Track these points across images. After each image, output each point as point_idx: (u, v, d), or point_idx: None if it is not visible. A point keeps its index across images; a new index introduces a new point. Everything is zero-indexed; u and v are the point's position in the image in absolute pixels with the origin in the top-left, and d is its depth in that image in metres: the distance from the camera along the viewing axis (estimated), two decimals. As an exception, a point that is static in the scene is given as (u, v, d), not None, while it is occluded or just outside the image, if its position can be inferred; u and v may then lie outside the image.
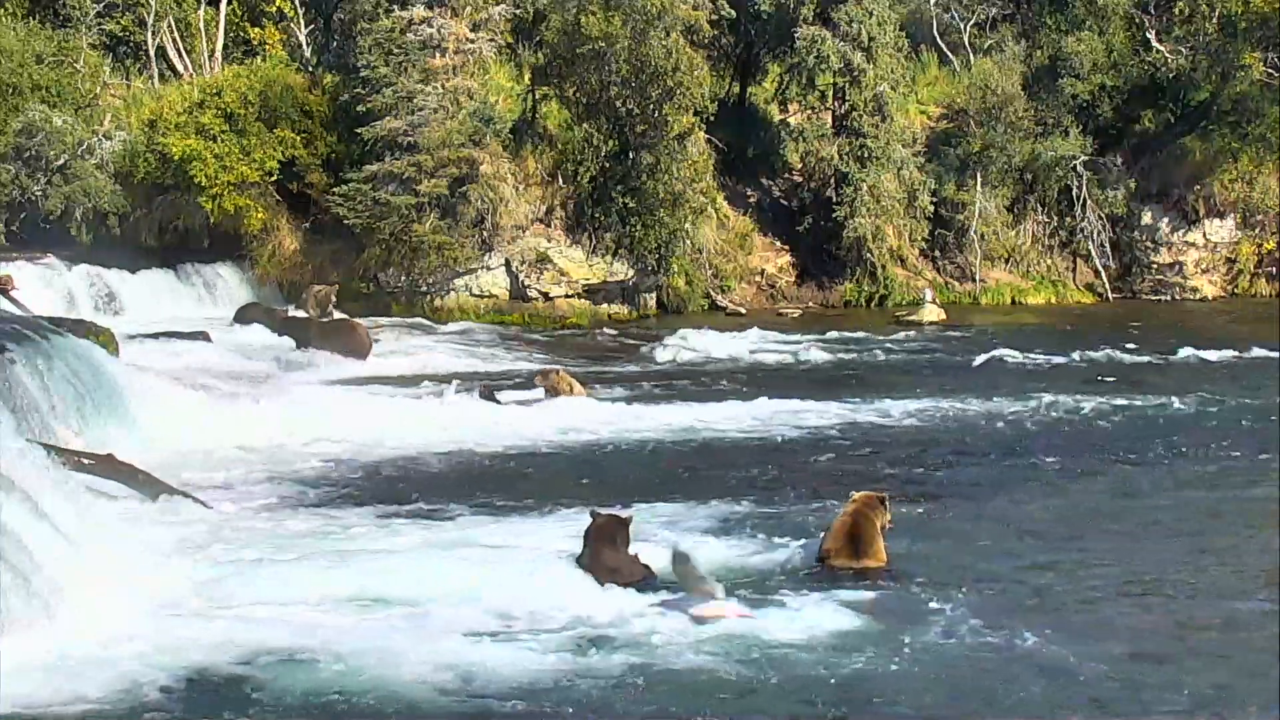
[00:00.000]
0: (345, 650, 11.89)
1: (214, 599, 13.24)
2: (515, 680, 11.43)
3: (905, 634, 12.40)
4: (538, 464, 19.92)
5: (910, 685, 11.41)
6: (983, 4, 44.97)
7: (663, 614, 12.90)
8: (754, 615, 12.83)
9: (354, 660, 11.72)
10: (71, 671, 11.29)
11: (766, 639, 12.30)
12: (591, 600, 13.20)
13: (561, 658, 11.91)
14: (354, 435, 21.06)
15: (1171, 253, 42.03)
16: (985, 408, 23.73)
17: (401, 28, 34.92)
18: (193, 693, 11.19)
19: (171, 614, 12.84)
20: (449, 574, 13.72)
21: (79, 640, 11.92)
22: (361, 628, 12.53)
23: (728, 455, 20.49)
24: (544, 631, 12.54)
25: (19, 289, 29.85)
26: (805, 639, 12.30)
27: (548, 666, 11.71)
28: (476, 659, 11.80)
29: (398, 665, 11.63)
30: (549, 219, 36.87)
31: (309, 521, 16.34)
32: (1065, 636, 12.37)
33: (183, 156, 34.67)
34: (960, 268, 41.28)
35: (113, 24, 41.77)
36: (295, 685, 11.31)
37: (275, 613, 12.85)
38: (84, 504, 15.42)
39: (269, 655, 11.79)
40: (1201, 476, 18.98)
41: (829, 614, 12.87)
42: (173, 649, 11.90)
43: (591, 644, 12.23)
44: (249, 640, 12.07)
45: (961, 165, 40.95)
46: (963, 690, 11.35)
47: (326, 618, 12.75)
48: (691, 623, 12.65)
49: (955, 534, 15.84)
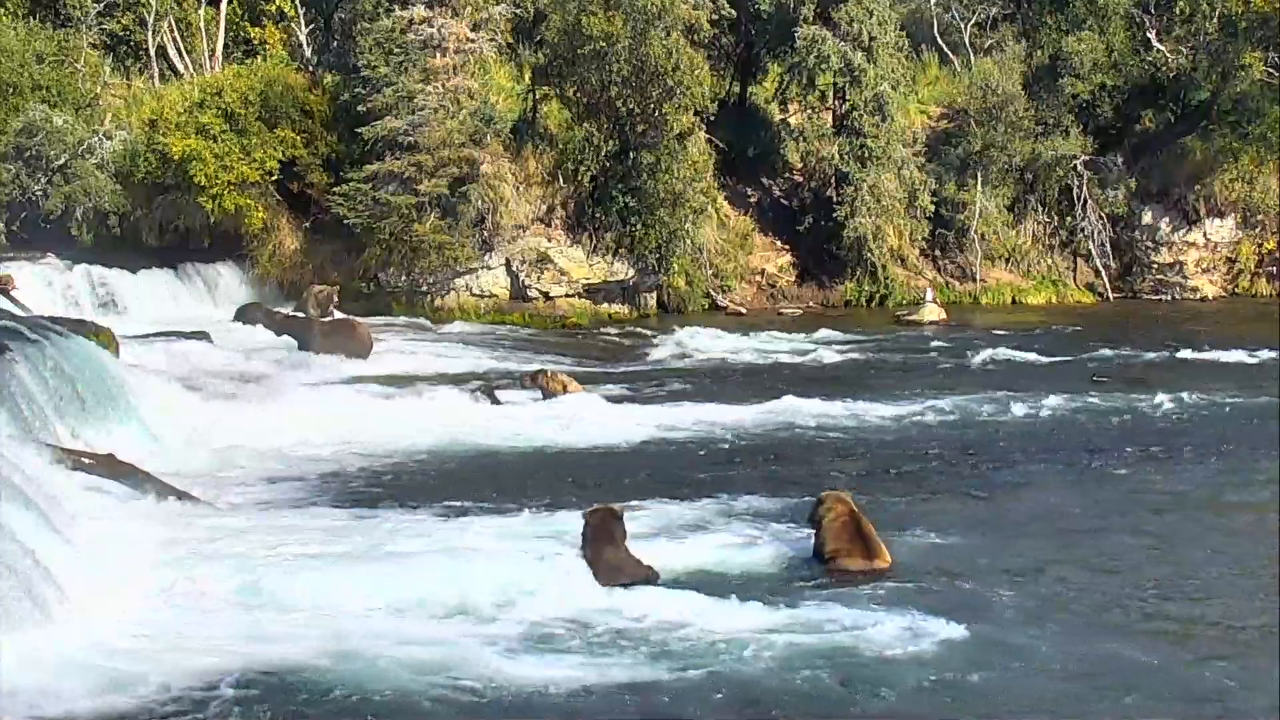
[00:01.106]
0: (347, 651, 11.89)
1: (214, 598, 13.23)
2: (517, 679, 11.44)
3: (910, 633, 12.42)
4: (538, 464, 19.90)
5: (923, 685, 11.43)
6: (983, 4, 44.99)
7: (666, 614, 12.92)
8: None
9: (357, 661, 11.72)
10: (71, 671, 11.29)
11: (780, 640, 12.32)
12: (594, 600, 13.21)
13: (562, 658, 11.92)
14: (354, 435, 21.06)
15: (1172, 252, 42.04)
16: (985, 407, 23.72)
17: (402, 27, 34.93)
18: (192, 693, 11.18)
19: (171, 613, 12.83)
20: (449, 574, 13.71)
21: (78, 640, 11.92)
22: (362, 628, 12.52)
23: (728, 454, 20.48)
24: (544, 632, 12.54)
25: (19, 289, 29.86)
26: (818, 639, 12.33)
27: (556, 669, 11.73)
28: (479, 660, 11.81)
29: (400, 665, 11.64)
30: (549, 219, 36.87)
31: (309, 521, 16.32)
32: (1066, 636, 12.39)
33: (183, 156, 34.67)
34: (960, 267, 41.29)
35: (113, 24, 41.78)
36: (295, 685, 11.31)
37: (275, 613, 12.84)
38: (84, 503, 15.43)
39: (269, 655, 11.78)
40: (1201, 476, 18.96)
41: (839, 613, 12.91)
42: (172, 649, 11.90)
43: (592, 643, 12.24)
44: (249, 640, 12.08)
45: (962, 165, 40.98)
46: (965, 692, 11.37)
47: (328, 618, 12.74)
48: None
49: (956, 534, 15.82)
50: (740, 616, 12.87)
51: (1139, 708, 11.07)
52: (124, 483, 16.87)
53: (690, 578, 14.12)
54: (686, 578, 14.12)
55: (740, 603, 13.22)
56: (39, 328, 21.06)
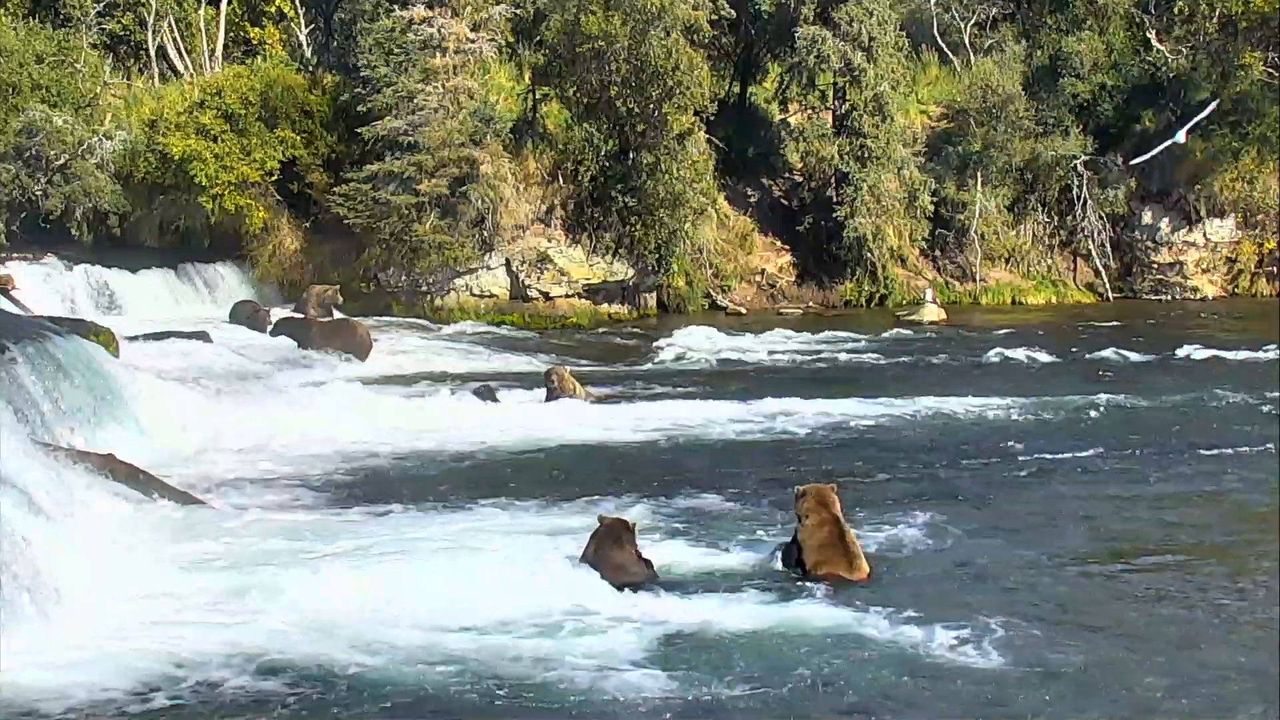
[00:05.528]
0: (349, 651, 11.89)
1: (213, 598, 13.22)
2: (518, 679, 11.44)
3: (907, 635, 12.42)
4: (538, 463, 19.89)
5: (902, 692, 11.43)
6: (983, 4, 45.01)
7: (666, 614, 12.93)
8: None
9: (358, 660, 11.72)
10: (70, 671, 11.28)
11: (779, 640, 12.32)
12: (595, 600, 13.22)
13: (563, 658, 11.92)
14: (353, 435, 21.06)
15: (1172, 252, 42.01)
16: (985, 407, 23.70)
17: (402, 27, 34.95)
18: (192, 692, 11.18)
19: (170, 614, 12.82)
20: (450, 574, 13.72)
21: (78, 640, 11.92)
22: (363, 627, 12.51)
23: (728, 454, 20.48)
24: (544, 632, 12.55)
25: (19, 289, 29.88)
26: (814, 639, 12.33)
27: (549, 666, 11.73)
28: (480, 661, 11.81)
29: (401, 664, 11.65)
30: (549, 219, 36.88)
31: (309, 520, 16.32)
32: (1066, 636, 12.38)
33: (183, 156, 34.70)
34: (960, 267, 41.29)
35: (113, 24, 41.83)
36: (295, 685, 11.31)
37: (275, 612, 12.83)
38: (83, 503, 15.43)
39: (269, 655, 11.78)
40: (1201, 476, 18.94)
41: (830, 615, 12.89)
42: (171, 648, 11.89)
43: (593, 643, 12.24)
44: (248, 640, 12.07)
45: (962, 165, 40.98)
46: (965, 691, 11.37)
47: (328, 618, 12.71)
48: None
49: (955, 532, 15.81)
50: (739, 616, 12.84)
51: (1139, 709, 11.07)
52: (123, 483, 16.86)
53: (691, 578, 14.11)
54: (687, 578, 14.11)
55: (738, 602, 13.20)
56: (39, 328, 21.07)
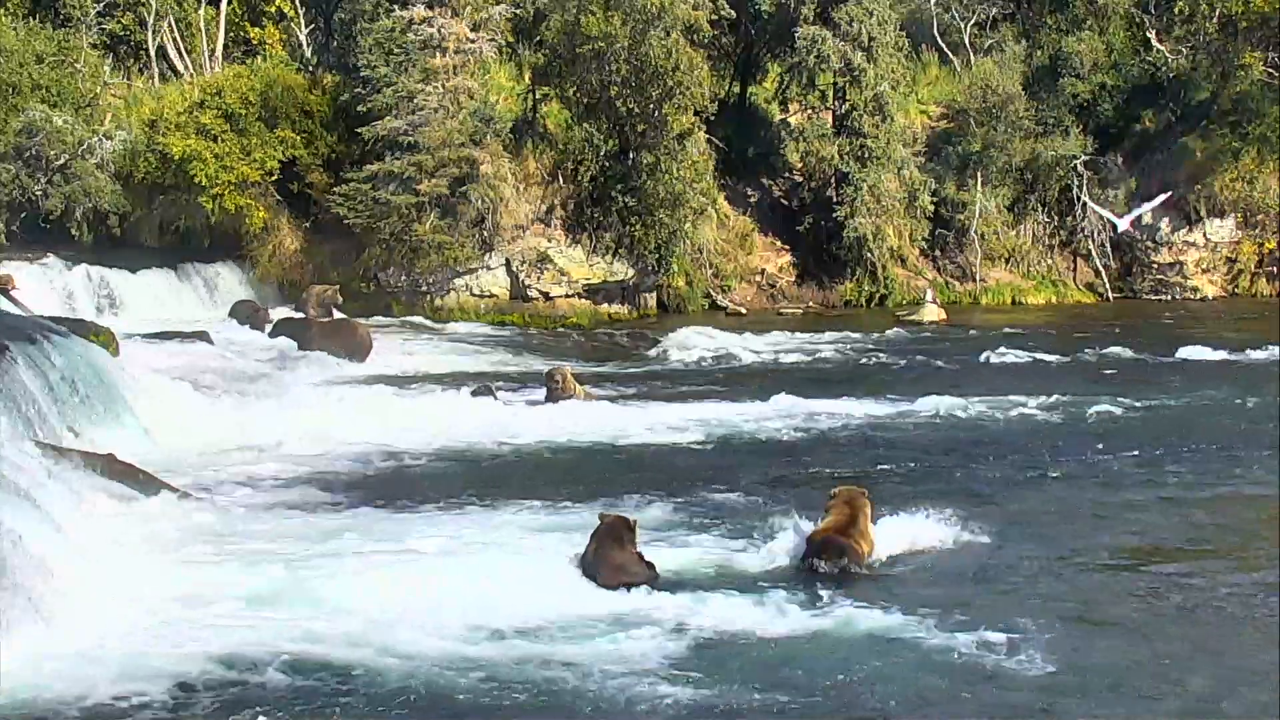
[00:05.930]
0: (350, 650, 11.90)
1: (214, 598, 13.23)
2: (518, 678, 11.44)
3: (912, 633, 12.43)
4: (538, 463, 19.91)
5: (900, 688, 11.44)
6: (983, 4, 45.01)
7: (666, 613, 12.92)
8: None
9: (359, 660, 11.73)
10: (70, 671, 11.29)
11: (777, 639, 12.34)
12: (596, 599, 13.21)
13: (564, 657, 11.92)
14: (353, 435, 21.05)
15: (1172, 252, 41.99)
16: (985, 407, 23.71)
17: (402, 27, 34.94)
18: (192, 692, 11.19)
19: (171, 614, 12.82)
20: (450, 573, 13.73)
21: (78, 640, 11.92)
22: (364, 627, 12.51)
23: (728, 454, 20.48)
24: (545, 631, 12.55)
25: (19, 289, 29.87)
26: (817, 638, 12.34)
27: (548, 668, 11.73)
28: (480, 659, 11.82)
29: (402, 664, 11.65)
30: (549, 219, 36.87)
31: (309, 520, 16.33)
32: (1065, 637, 12.39)
33: (183, 156, 34.69)
34: (961, 267, 41.30)
35: (113, 24, 41.82)
36: (295, 685, 11.32)
37: (276, 612, 12.84)
38: (84, 504, 15.43)
39: (268, 655, 11.78)
40: (1201, 476, 18.94)
41: (855, 616, 12.90)
42: (172, 649, 11.90)
43: (594, 642, 12.24)
44: (248, 640, 12.08)
45: (962, 165, 40.99)
46: (963, 693, 11.37)
47: (328, 618, 12.74)
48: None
49: (973, 531, 15.81)
50: (739, 616, 12.86)
51: (1187, 712, 11.07)
52: (124, 483, 16.87)
53: (691, 578, 14.12)
54: (687, 577, 14.11)
55: (739, 602, 13.22)
56: (39, 328, 21.06)
